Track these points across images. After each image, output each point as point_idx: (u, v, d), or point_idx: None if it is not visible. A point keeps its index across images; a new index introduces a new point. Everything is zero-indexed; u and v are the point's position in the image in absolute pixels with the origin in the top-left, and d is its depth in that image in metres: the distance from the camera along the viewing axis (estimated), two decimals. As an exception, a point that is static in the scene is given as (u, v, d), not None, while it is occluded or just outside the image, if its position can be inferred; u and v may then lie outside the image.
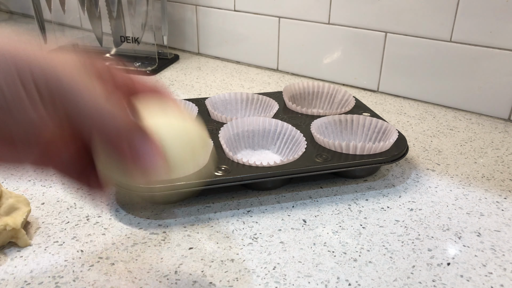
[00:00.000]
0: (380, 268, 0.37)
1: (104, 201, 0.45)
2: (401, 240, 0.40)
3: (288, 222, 0.43)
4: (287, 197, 0.46)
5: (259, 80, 0.82)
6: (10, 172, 0.50)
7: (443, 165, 0.53)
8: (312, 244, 0.40)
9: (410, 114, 0.68)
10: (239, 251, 0.39)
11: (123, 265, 0.37)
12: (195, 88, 0.77)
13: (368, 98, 0.74)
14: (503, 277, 0.36)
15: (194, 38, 0.95)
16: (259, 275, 0.36)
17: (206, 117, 0.56)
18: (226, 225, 0.42)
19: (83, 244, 0.39)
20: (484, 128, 0.64)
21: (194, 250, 0.39)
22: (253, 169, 0.44)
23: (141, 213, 0.43)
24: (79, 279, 0.35)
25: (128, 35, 0.86)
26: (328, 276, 0.36)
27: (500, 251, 0.39)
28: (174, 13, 0.95)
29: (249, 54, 0.90)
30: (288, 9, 0.81)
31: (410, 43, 0.70)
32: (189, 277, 0.36)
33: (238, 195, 0.46)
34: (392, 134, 0.50)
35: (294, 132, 0.50)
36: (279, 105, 0.58)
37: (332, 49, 0.79)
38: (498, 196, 0.47)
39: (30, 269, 0.36)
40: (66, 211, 0.43)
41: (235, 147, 0.51)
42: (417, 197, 0.47)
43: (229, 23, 0.89)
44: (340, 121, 0.54)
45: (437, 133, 0.62)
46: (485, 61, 0.65)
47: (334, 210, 0.44)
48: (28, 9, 1.27)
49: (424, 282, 0.36)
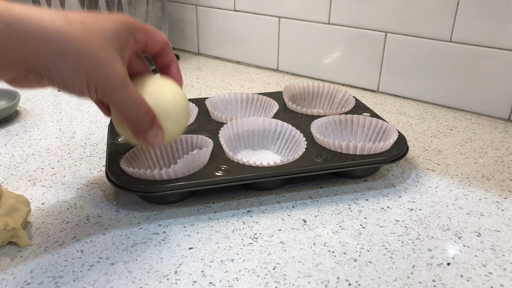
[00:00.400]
0: (380, 268, 0.37)
1: (104, 201, 0.45)
2: (401, 240, 0.40)
3: (288, 222, 0.43)
4: (287, 197, 0.46)
5: (259, 80, 0.82)
6: (10, 172, 0.50)
7: (443, 165, 0.53)
8: (312, 244, 0.40)
9: (410, 114, 0.68)
10: (239, 251, 0.39)
11: (123, 265, 0.37)
12: (195, 88, 0.77)
13: (368, 98, 0.74)
14: (503, 277, 0.36)
15: (194, 38, 0.95)
16: (259, 275, 0.36)
17: (206, 117, 0.56)
18: (226, 225, 0.42)
19: (83, 244, 0.39)
20: (484, 128, 0.64)
21: (194, 250, 0.39)
22: (253, 169, 0.44)
23: (141, 213, 0.43)
24: (79, 279, 0.35)
25: (128, 35, 0.86)
26: (328, 276, 0.36)
27: (500, 251, 0.39)
28: (174, 13, 0.95)
29: (249, 54, 0.90)
30: (288, 9, 0.81)
31: (410, 43, 0.70)
32: (189, 277, 0.36)
33: (238, 195, 0.46)
34: (392, 134, 0.50)
35: (294, 132, 0.50)
36: (279, 105, 0.58)
37: (332, 49, 0.79)
38: (498, 196, 0.47)
39: (30, 269, 0.36)
40: (66, 211, 0.43)
41: (235, 147, 0.51)
42: (417, 197, 0.47)
43: (229, 23, 0.89)
44: (340, 121, 0.54)
45: (437, 133, 0.62)
46: (485, 61, 0.65)
47: (334, 210, 0.44)
48: (28, 9, 1.27)
49: (424, 282, 0.36)
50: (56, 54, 0.31)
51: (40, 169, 0.51)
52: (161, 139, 0.38)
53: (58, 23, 0.31)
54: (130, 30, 0.36)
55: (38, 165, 0.52)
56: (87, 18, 0.33)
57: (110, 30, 0.34)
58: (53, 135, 0.59)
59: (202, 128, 0.53)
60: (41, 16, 0.31)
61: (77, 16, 0.33)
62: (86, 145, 0.56)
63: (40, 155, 0.54)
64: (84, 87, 0.33)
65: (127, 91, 0.35)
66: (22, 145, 0.56)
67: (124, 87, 0.35)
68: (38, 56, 0.31)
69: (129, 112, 0.36)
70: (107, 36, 0.34)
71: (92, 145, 0.56)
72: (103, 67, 0.33)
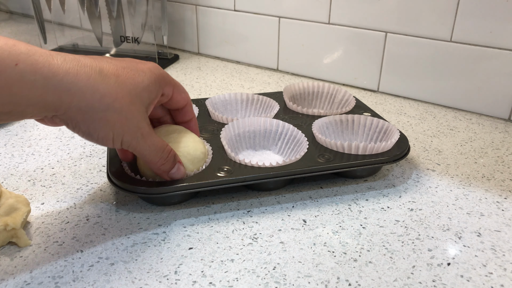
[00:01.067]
0: (380, 268, 0.37)
1: (104, 201, 0.45)
2: (401, 240, 0.40)
3: (288, 222, 0.43)
4: (287, 197, 0.46)
5: (259, 80, 0.82)
6: (10, 172, 0.50)
7: (443, 165, 0.53)
8: (312, 244, 0.40)
9: (410, 114, 0.68)
10: (239, 251, 0.39)
11: (123, 265, 0.37)
12: (195, 88, 0.77)
13: (368, 98, 0.74)
14: (503, 277, 0.36)
15: (194, 38, 0.95)
16: (259, 275, 0.36)
17: (207, 117, 0.56)
18: (226, 225, 0.42)
19: (83, 244, 0.39)
20: (484, 128, 0.64)
21: (194, 250, 0.39)
22: (255, 169, 0.44)
23: (141, 213, 0.43)
24: (79, 279, 0.35)
25: (128, 35, 0.86)
26: (328, 276, 0.36)
27: (500, 251, 0.39)
28: (174, 13, 0.95)
29: (249, 54, 0.89)
30: (288, 9, 0.81)
31: (410, 43, 0.70)
32: (189, 277, 0.36)
33: (238, 195, 0.46)
34: (393, 133, 0.50)
35: (296, 132, 0.50)
36: (280, 105, 0.58)
37: (332, 49, 0.79)
38: (498, 196, 0.47)
39: (30, 269, 0.36)
40: (66, 211, 0.43)
41: (236, 148, 0.51)
42: (417, 197, 0.47)
43: (229, 23, 0.89)
44: (341, 121, 0.54)
45: (437, 133, 0.62)
46: (485, 61, 0.65)
47: (334, 210, 0.44)
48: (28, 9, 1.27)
49: (424, 282, 0.36)
50: (86, 108, 0.33)
51: (39, 169, 0.51)
52: (183, 173, 0.42)
53: (93, 78, 0.33)
54: (161, 84, 0.39)
55: (38, 165, 0.52)
56: (121, 70, 0.35)
57: (142, 85, 0.36)
58: (53, 135, 0.59)
59: (202, 128, 0.53)
60: (77, 71, 0.32)
61: (112, 68, 0.35)
62: (86, 145, 0.56)
63: (40, 155, 0.54)
64: (109, 139, 0.35)
65: (151, 141, 0.38)
66: (22, 145, 0.56)
67: (149, 137, 0.38)
68: (69, 108, 0.33)
69: (152, 157, 0.39)
70: (138, 92, 0.36)
71: (92, 145, 0.56)
72: (130, 122, 0.35)
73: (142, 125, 0.37)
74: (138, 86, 0.36)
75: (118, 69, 0.35)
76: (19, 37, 1.08)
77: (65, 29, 0.96)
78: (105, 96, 0.33)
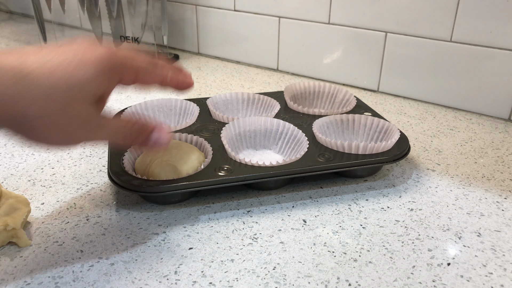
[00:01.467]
0: (380, 268, 0.37)
1: (104, 201, 0.45)
2: (401, 240, 0.40)
3: (288, 222, 0.43)
4: (287, 197, 0.46)
5: (259, 80, 0.82)
6: (10, 172, 0.50)
7: (443, 165, 0.53)
8: (312, 244, 0.40)
9: (410, 114, 0.68)
10: (239, 251, 0.39)
11: (123, 265, 0.37)
12: (195, 88, 0.77)
13: (368, 98, 0.74)
14: (503, 277, 0.36)
15: (194, 38, 0.95)
16: (259, 275, 0.36)
17: (208, 117, 0.56)
18: (226, 225, 0.42)
19: (83, 244, 0.39)
20: (484, 128, 0.64)
21: (194, 250, 0.39)
22: (256, 169, 0.44)
23: (141, 213, 0.43)
24: (79, 279, 0.35)
25: (128, 35, 0.86)
26: (328, 276, 0.36)
27: (500, 251, 0.39)
28: (174, 13, 0.95)
29: (249, 54, 0.89)
30: (288, 9, 0.81)
31: (410, 43, 0.70)
32: (189, 277, 0.36)
33: (238, 195, 0.46)
34: (394, 133, 0.50)
35: (296, 131, 0.50)
36: (280, 105, 0.58)
37: (332, 49, 0.79)
38: (498, 196, 0.47)
39: (30, 269, 0.36)
40: (66, 211, 0.43)
41: (237, 147, 0.51)
42: (417, 197, 0.47)
43: (229, 23, 0.89)
44: (341, 120, 0.54)
45: (437, 133, 0.62)
46: (485, 61, 0.65)
47: (334, 210, 0.44)
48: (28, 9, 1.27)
49: (424, 282, 0.36)
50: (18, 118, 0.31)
51: (39, 169, 0.51)
52: (167, 136, 0.38)
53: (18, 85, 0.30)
54: (115, 72, 0.35)
55: (38, 165, 0.52)
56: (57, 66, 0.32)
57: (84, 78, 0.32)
58: (53, 135, 0.59)
59: (203, 128, 0.53)
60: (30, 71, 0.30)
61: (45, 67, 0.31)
62: (86, 145, 0.56)
63: (40, 155, 0.54)
64: (61, 142, 0.34)
65: (109, 125, 0.35)
66: (22, 145, 0.56)
67: (104, 124, 0.35)
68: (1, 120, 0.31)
69: (119, 138, 0.36)
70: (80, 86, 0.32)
71: (92, 145, 0.56)
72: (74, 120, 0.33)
73: (90, 118, 0.34)
74: (79, 81, 0.32)
75: (52, 66, 0.31)
76: (19, 37, 1.08)
77: (65, 29, 0.96)
78: (36, 101, 0.30)
